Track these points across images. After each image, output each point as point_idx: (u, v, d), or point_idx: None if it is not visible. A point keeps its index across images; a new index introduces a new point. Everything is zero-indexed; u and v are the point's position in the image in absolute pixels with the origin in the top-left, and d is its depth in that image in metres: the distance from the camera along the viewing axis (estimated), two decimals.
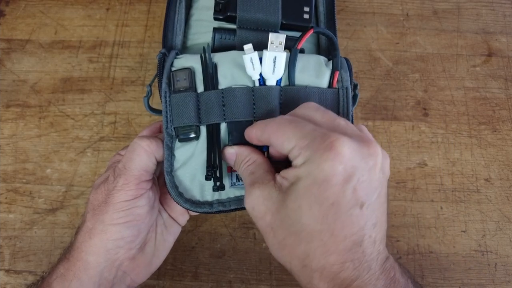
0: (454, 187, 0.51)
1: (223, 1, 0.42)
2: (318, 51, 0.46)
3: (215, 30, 0.42)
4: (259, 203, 0.33)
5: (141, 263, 0.39)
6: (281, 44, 0.37)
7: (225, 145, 0.38)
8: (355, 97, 0.42)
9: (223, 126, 0.39)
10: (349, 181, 0.29)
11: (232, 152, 0.37)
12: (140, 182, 0.37)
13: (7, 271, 0.48)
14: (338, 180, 0.29)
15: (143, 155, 0.37)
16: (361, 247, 0.29)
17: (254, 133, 0.35)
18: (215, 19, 0.43)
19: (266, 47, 0.38)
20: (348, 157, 0.29)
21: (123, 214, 0.36)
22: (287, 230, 0.31)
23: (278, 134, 0.32)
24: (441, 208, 0.51)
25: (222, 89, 0.38)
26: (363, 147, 0.30)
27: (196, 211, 0.39)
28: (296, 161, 0.31)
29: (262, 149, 0.38)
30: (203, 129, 0.39)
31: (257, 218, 0.33)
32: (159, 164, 0.39)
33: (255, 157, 0.36)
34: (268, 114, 0.38)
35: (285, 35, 0.37)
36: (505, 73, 0.56)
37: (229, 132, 0.39)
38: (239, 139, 0.38)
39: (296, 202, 0.30)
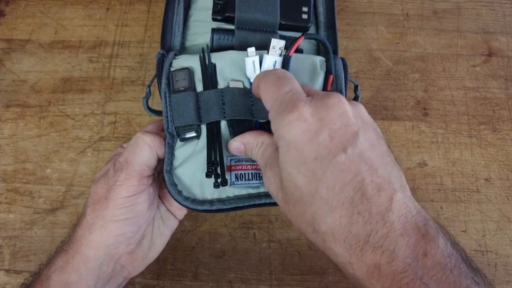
0: (454, 187, 0.51)
1: (221, 2, 0.42)
2: (318, 50, 0.46)
3: (214, 30, 0.42)
4: (271, 182, 0.33)
5: (138, 257, 0.39)
6: (281, 49, 0.38)
7: (229, 141, 0.38)
8: (356, 98, 0.42)
9: (223, 124, 0.39)
10: (320, 132, 0.29)
11: (238, 145, 0.37)
12: (142, 178, 0.37)
13: (7, 271, 0.48)
14: (309, 136, 0.29)
15: (146, 150, 0.37)
16: (364, 196, 0.28)
17: (254, 88, 0.36)
18: (214, 19, 0.43)
19: (264, 48, 0.38)
20: (310, 113, 0.29)
21: (124, 211, 0.36)
22: (292, 200, 0.30)
23: (264, 92, 0.33)
24: (441, 208, 0.51)
25: (221, 89, 0.39)
26: (326, 100, 0.30)
27: (195, 209, 0.38)
28: (272, 127, 0.32)
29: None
30: (203, 128, 0.39)
31: (273, 197, 0.34)
32: (160, 161, 0.39)
33: (262, 139, 0.36)
34: (265, 115, 0.38)
35: (285, 41, 0.38)
36: (505, 73, 0.56)
37: (230, 125, 0.39)
38: (240, 131, 0.39)
39: (285, 170, 0.30)
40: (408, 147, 0.53)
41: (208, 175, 0.38)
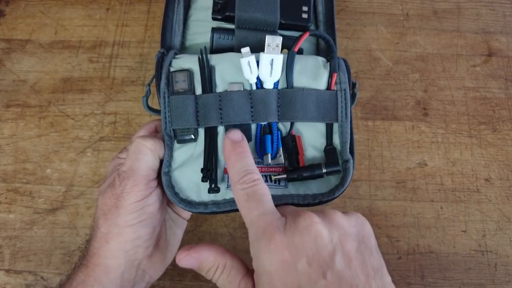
0: (454, 187, 0.51)
1: (221, 1, 0.42)
2: (317, 50, 0.46)
3: (214, 30, 0.42)
4: None
5: (158, 259, 0.40)
6: (277, 46, 0.37)
7: (182, 249, 0.35)
8: (353, 95, 0.42)
9: (221, 128, 0.39)
10: (299, 261, 0.29)
11: (190, 261, 0.34)
12: (149, 182, 0.37)
13: (7, 271, 0.48)
14: (288, 266, 0.29)
15: (149, 154, 0.37)
16: None
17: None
18: (214, 19, 0.43)
19: (264, 48, 0.38)
20: (286, 242, 0.29)
21: (136, 215, 0.36)
22: None
23: (238, 206, 0.33)
24: (441, 208, 0.51)
25: (219, 93, 0.39)
26: (298, 223, 0.30)
27: (190, 211, 0.39)
28: (251, 251, 0.31)
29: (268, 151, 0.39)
30: (201, 131, 0.39)
31: None
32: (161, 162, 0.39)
33: (224, 261, 0.34)
34: (266, 117, 0.39)
35: (281, 38, 0.37)
36: (505, 73, 0.56)
37: (226, 130, 0.39)
38: None
39: None
40: (408, 147, 0.53)
41: (203, 180, 0.38)
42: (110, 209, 0.36)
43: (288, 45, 0.39)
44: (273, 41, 0.37)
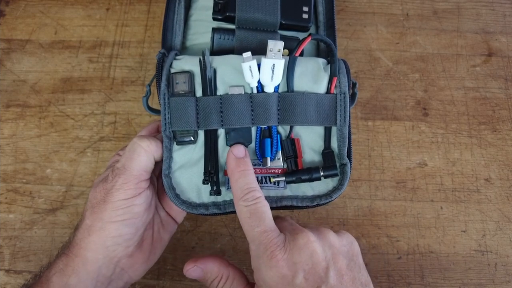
0: (454, 187, 0.51)
1: (222, 1, 0.42)
2: (318, 50, 0.46)
3: (214, 30, 0.42)
4: None
5: (139, 260, 0.40)
6: (279, 51, 0.37)
7: (186, 263, 0.38)
8: (354, 95, 0.42)
9: (221, 131, 0.39)
10: (296, 276, 0.32)
11: (196, 271, 0.37)
12: (139, 182, 0.37)
13: (7, 271, 0.48)
14: (287, 280, 0.32)
15: (143, 155, 0.37)
16: None
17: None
18: (214, 19, 0.43)
19: (265, 48, 0.38)
20: (286, 259, 0.32)
21: (121, 212, 0.37)
22: None
23: (241, 222, 0.35)
24: (441, 208, 0.51)
25: (220, 96, 0.39)
26: (296, 240, 0.33)
27: (191, 213, 0.39)
28: (252, 265, 0.35)
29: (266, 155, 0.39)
30: (201, 133, 0.39)
31: None
32: (158, 163, 0.39)
33: (227, 272, 0.37)
34: (266, 121, 0.39)
35: (283, 43, 0.37)
36: (505, 73, 0.56)
37: (227, 133, 0.39)
38: (236, 140, 0.39)
39: None
40: (408, 147, 0.53)
41: (204, 183, 0.38)
42: (99, 202, 0.37)
43: (289, 47, 0.39)
44: (275, 46, 0.37)
